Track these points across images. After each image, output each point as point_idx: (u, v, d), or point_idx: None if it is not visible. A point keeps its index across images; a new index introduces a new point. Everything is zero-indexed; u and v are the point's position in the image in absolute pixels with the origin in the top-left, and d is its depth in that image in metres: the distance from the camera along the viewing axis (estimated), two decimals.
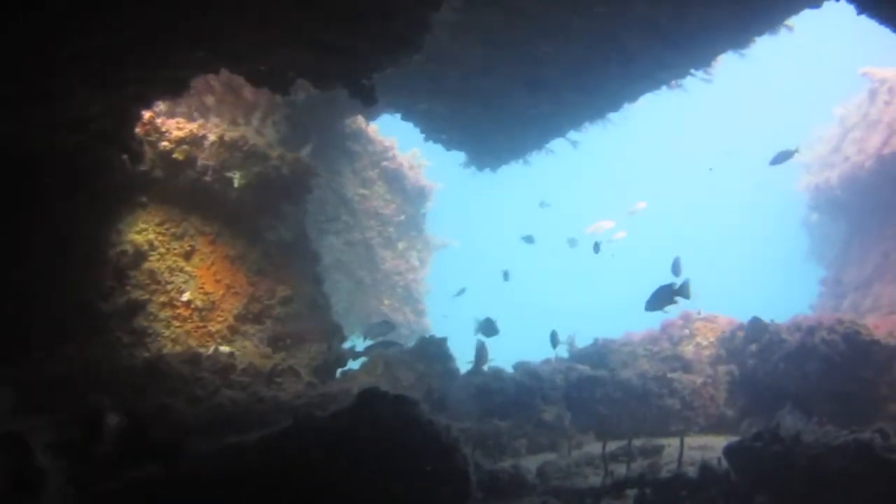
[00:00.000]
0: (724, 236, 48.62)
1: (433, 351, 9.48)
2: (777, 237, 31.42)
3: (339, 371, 9.12)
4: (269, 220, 8.61)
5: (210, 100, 8.76)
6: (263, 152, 8.30)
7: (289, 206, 8.79)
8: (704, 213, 49.62)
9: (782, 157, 12.05)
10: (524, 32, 9.84)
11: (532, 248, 17.40)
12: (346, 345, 9.78)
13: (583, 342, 11.49)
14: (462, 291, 16.14)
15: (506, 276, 15.61)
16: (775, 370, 8.75)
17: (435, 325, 16.79)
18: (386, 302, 16.11)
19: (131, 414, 5.13)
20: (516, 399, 8.60)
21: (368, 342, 11.96)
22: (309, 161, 8.85)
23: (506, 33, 9.85)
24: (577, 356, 10.67)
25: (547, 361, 11.00)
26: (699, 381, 9.23)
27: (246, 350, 8.12)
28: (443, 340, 9.65)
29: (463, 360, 9.79)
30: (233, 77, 8.79)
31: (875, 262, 13.12)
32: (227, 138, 8.32)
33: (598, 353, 10.39)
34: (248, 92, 8.83)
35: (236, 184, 8.26)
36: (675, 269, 10.12)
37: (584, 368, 9.42)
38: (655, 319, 11.49)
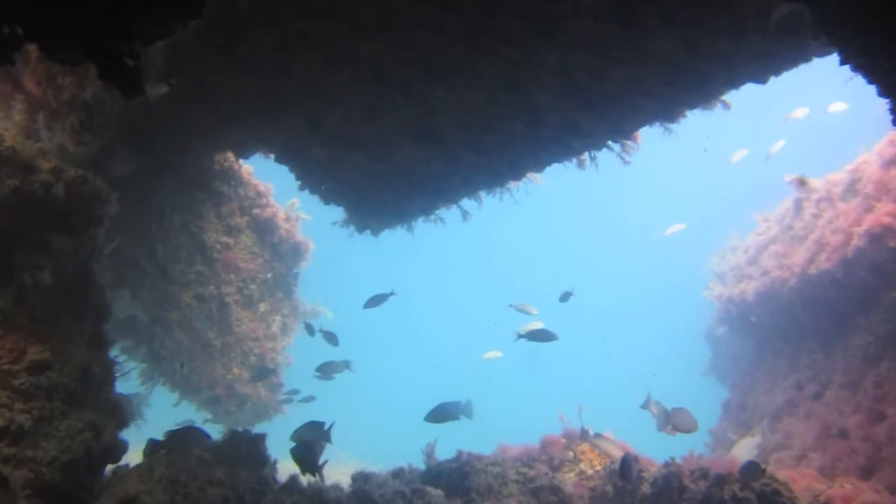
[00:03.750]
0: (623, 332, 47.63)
1: (244, 451, 7.23)
2: (677, 344, 30.39)
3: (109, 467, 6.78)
4: (30, 255, 6.29)
5: None
6: (27, 161, 6.03)
7: (63, 239, 6.49)
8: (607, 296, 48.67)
9: (378, 300, 12.10)
10: (416, 70, 8.09)
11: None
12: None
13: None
14: (345, 365, 13.29)
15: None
16: None
17: (291, 407, 14.45)
18: (235, 371, 13.68)
19: None
20: None
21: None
22: (100, 184, 6.60)
23: (395, 68, 8.09)
24: (435, 472, 8.60)
25: (399, 472, 8.90)
26: None
27: None
28: (259, 438, 7.42)
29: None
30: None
31: (787, 394, 11.66)
32: None
33: (460, 472, 8.34)
34: (32, 82, 6.62)
35: None
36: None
37: (434, 494, 7.33)
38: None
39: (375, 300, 12.11)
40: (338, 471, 17.15)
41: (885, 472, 8.27)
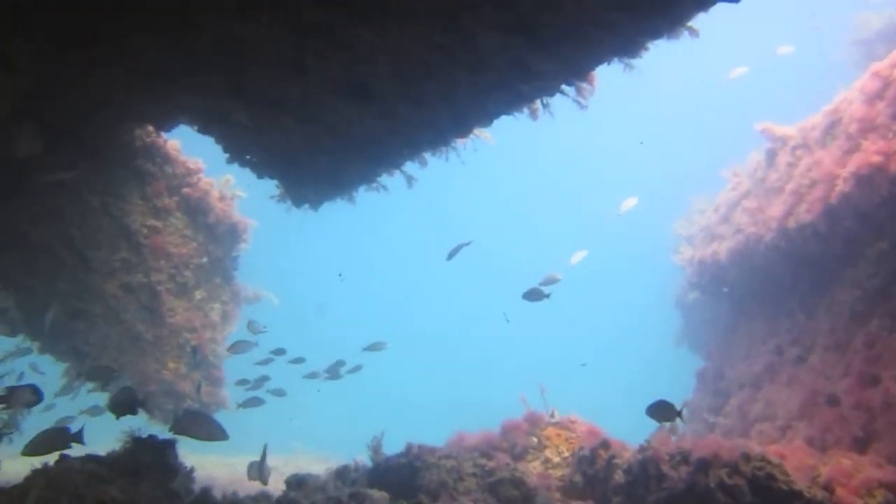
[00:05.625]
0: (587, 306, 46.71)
1: (147, 461, 6.13)
2: (645, 314, 29.57)
3: None
4: None
5: None
6: None
7: None
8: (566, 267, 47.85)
9: (456, 251, 11.31)
10: (340, 13, 6.96)
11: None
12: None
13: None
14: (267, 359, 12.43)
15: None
16: None
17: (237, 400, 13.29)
18: (171, 365, 12.52)
19: None
20: None
21: None
22: None
23: (316, 13, 6.94)
24: (383, 469, 7.58)
25: (343, 472, 7.87)
26: None
27: None
28: (167, 444, 6.31)
29: None
30: None
31: (766, 359, 10.77)
32: None
33: (410, 467, 7.33)
34: None
35: None
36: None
37: (376, 497, 6.30)
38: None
39: (455, 251, 11.32)
40: (294, 465, 16.04)
41: (883, 442, 7.40)
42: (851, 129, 8.71)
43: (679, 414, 6.32)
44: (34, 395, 6.73)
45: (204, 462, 12.79)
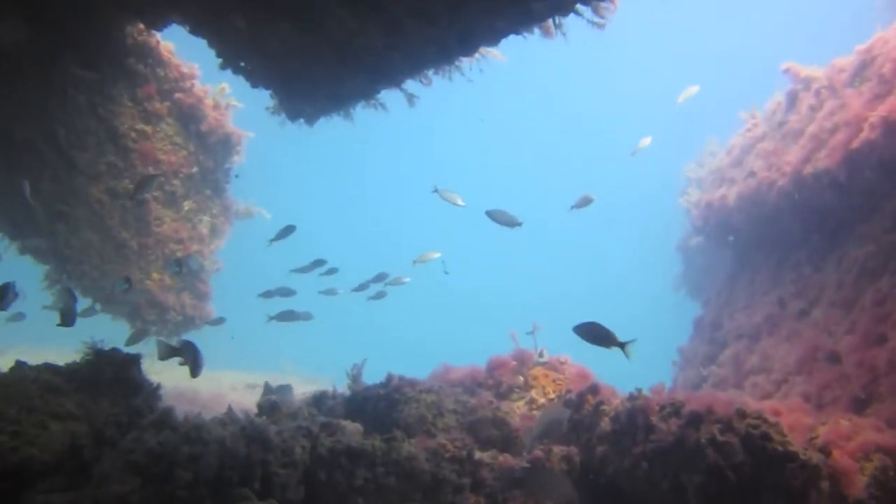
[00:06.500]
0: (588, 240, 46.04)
1: (108, 375, 5.80)
2: (647, 258, 29.15)
3: None
4: None
5: None
6: None
7: None
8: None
9: (583, 203, 10.49)
10: None
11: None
12: None
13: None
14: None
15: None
16: (635, 471, 5.65)
17: (223, 315, 13.01)
18: (155, 276, 12.16)
19: None
20: (215, 484, 5.07)
21: None
22: None
23: None
24: (361, 399, 7.28)
25: (320, 399, 7.59)
26: (520, 467, 5.99)
27: None
28: (130, 360, 5.97)
29: None
30: None
31: (767, 310, 10.39)
32: None
33: (387, 400, 7.02)
34: None
35: None
36: None
37: (349, 430, 6.00)
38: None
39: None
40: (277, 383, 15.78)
41: (884, 404, 7.07)
42: (885, 71, 8.10)
43: (621, 346, 5.72)
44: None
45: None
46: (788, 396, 8.01)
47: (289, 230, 10.81)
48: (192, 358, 6.21)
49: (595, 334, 5.76)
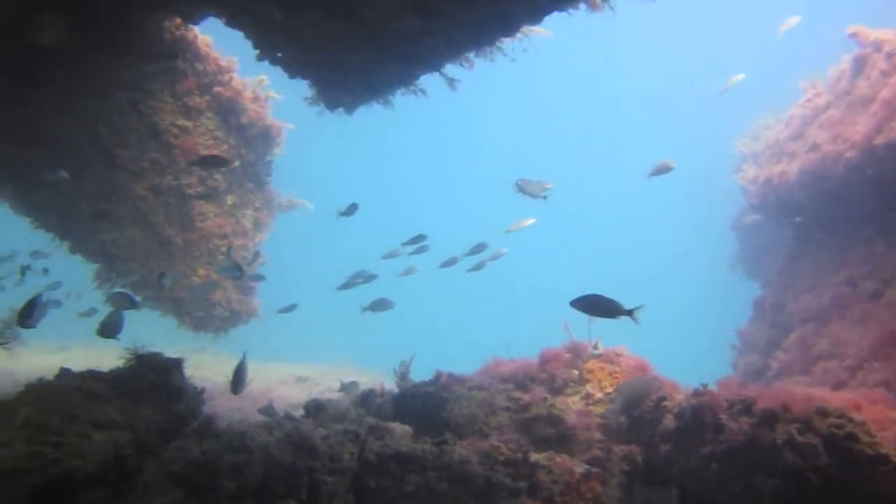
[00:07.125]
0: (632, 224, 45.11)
1: (150, 381, 5.64)
2: (697, 236, 28.32)
3: None
4: None
5: None
6: None
7: None
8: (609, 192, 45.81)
9: (662, 169, 9.80)
10: None
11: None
12: None
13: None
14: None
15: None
16: (704, 472, 5.28)
17: (267, 309, 12.92)
18: (201, 272, 12.08)
19: None
20: (260, 493, 4.87)
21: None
22: None
23: None
24: (409, 397, 7.03)
25: (367, 398, 7.36)
26: (578, 470, 5.66)
27: None
28: (173, 364, 5.80)
29: None
30: None
31: (835, 291, 9.83)
32: None
33: (436, 398, 6.76)
34: None
35: None
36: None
37: (398, 433, 5.75)
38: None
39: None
40: (334, 375, 15.64)
41: None
42: None
43: (629, 313, 5.30)
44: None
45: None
46: (865, 385, 7.52)
47: (354, 207, 10.63)
48: (234, 376, 6.12)
49: (599, 306, 5.40)
